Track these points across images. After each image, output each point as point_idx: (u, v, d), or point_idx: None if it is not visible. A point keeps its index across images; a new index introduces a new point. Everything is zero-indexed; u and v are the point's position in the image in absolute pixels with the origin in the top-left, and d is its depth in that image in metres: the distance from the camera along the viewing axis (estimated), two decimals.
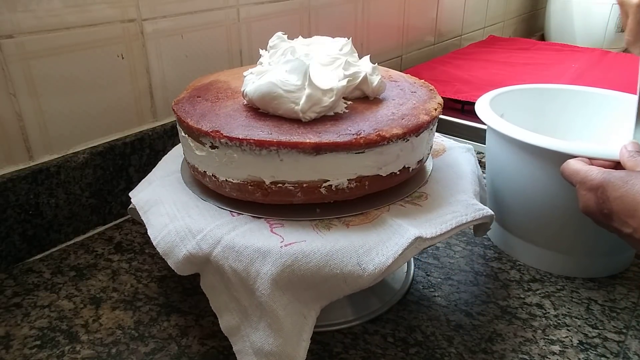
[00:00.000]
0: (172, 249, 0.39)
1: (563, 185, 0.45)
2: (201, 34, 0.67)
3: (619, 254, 0.52)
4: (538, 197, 0.51)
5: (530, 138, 0.48)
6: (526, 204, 0.52)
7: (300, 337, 0.37)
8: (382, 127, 0.40)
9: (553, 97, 0.63)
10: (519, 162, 0.51)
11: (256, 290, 0.36)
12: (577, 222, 0.48)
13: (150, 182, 0.48)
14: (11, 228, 0.52)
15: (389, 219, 0.41)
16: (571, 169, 0.43)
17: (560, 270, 0.53)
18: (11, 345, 0.43)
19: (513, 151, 0.51)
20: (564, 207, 0.49)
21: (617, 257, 0.53)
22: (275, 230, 0.39)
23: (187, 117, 0.43)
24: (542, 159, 0.48)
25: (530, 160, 0.50)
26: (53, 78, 0.54)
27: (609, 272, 0.52)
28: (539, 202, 0.51)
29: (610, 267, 0.53)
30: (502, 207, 0.56)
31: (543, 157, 0.48)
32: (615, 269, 0.53)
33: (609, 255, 0.52)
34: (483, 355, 0.42)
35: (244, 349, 0.38)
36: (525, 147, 0.49)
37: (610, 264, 0.53)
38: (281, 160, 0.39)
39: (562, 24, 1.52)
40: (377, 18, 0.99)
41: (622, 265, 0.53)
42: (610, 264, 0.53)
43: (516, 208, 0.54)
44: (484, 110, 0.55)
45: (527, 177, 0.51)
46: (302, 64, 0.41)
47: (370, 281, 0.36)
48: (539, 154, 0.48)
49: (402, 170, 0.43)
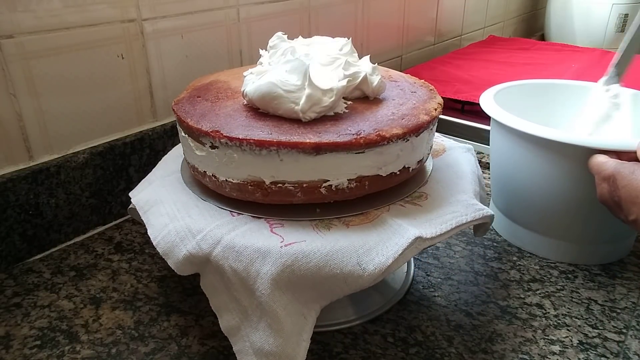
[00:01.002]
0: (172, 249, 0.39)
1: (568, 176, 0.48)
2: (201, 34, 0.67)
3: (620, 241, 0.55)
4: (543, 187, 0.52)
5: (537, 130, 0.49)
6: (532, 195, 0.54)
7: (300, 337, 0.37)
8: (382, 127, 0.40)
9: (555, 92, 0.65)
10: (525, 154, 0.52)
11: (256, 290, 0.36)
12: (582, 211, 0.51)
13: (150, 182, 0.48)
14: (11, 228, 0.52)
15: (389, 219, 0.41)
16: (593, 162, 0.46)
17: (565, 258, 0.54)
18: (11, 345, 0.43)
19: (519, 144, 0.52)
20: (570, 197, 0.51)
21: (619, 244, 0.55)
22: (275, 230, 0.39)
23: (187, 117, 0.43)
24: (547, 151, 0.50)
25: (536, 152, 0.51)
26: (53, 78, 0.54)
27: (612, 259, 0.55)
28: (545, 193, 0.52)
29: (613, 253, 0.55)
30: (507, 198, 0.57)
31: (548, 148, 0.50)
32: (617, 255, 0.55)
33: (612, 242, 0.54)
34: (483, 355, 0.42)
35: (244, 349, 0.38)
36: (531, 139, 0.50)
37: (613, 251, 0.55)
38: (281, 160, 0.39)
39: (562, 24, 1.52)
40: (377, 18, 0.99)
41: (624, 252, 0.56)
42: (613, 250, 0.55)
43: (522, 199, 0.55)
44: (490, 104, 0.56)
45: (532, 168, 0.52)
46: (302, 64, 0.41)
47: (370, 281, 0.36)
48: (544, 145, 0.50)
49: (402, 170, 0.43)
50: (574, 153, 0.48)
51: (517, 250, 0.57)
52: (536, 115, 0.59)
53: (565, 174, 0.49)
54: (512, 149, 0.54)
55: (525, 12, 1.71)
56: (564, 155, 0.49)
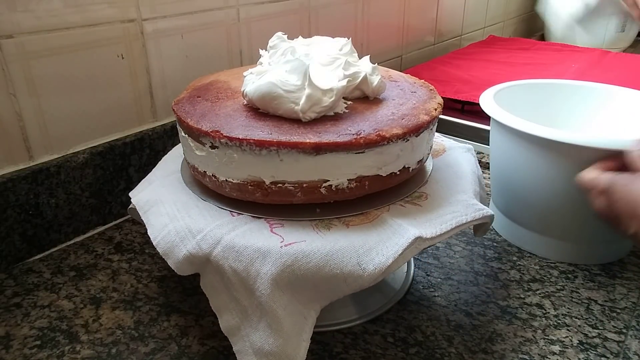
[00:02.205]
0: (172, 249, 0.39)
1: (567, 176, 0.48)
2: (201, 34, 0.67)
3: (620, 240, 0.55)
4: (543, 187, 0.52)
5: (536, 130, 0.49)
6: (531, 195, 0.54)
7: (300, 337, 0.37)
8: (382, 127, 0.40)
9: (555, 92, 0.65)
10: (525, 154, 0.52)
11: (256, 290, 0.36)
12: (581, 211, 0.50)
13: (151, 182, 0.48)
14: (11, 228, 0.52)
15: (389, 219, 0.41)
16: (584, 178, 0.45)
17: (565, 258, 0.55)
18: (11, 345, 0.43)
19: (519, 143, 0.52)
20: (569, 197, 0.51)
21: (619, 243, 0.55)
22: (275, 230, 0.39)
23: (187, 117, 0.43)
24: (547, 150, 0.50)
25: (535, 152, 0.51)
26: (53, 78, 0.54)
27: (612, 259, 0.55)
28: (544, 192, 0.52)
29: (613, 253, 0.55)
30: (507, 198, 0.57)
31: (548, 148, 0.50)
32: (617, 255, 0.55)
33: (612, 242, 0.55)
34: (483, 355, 0.42)
35: (244, 348, 0.38)
36: (530, 138, 0.50)
37: (613, 251, 0.55)
38: (281, 160, 0.39)
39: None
40: (377, 18, 0.99)
41: (624, 252, 0.56)
42: (613, 250, 0.55)
43: (522, 199, 0.55)
44: (489, 104, 0.56)
45: (531, 168, 0.52)
46: (302, 64, 0.41)
47: (370, 281, 0.36)
48: (543, 145, 0.50)
49: (402, 170, 0.43)
50: (574, 153, 0.48)
51: (517, 250, 0.57)
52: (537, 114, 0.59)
53: (565, 173, 0.49)
54: (511, 148, 0.54)
55: (525, 12, 1.71)
56: (563, 154, 0.49)
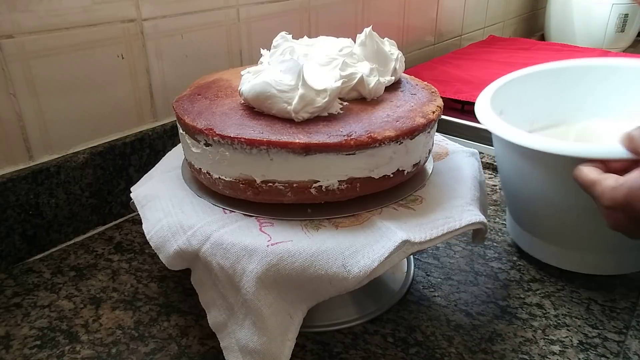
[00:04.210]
0: (164, 244, 0.40)
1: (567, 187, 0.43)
2: (201, 34, 0.67)
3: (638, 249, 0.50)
4: (541, 197, 0.50)
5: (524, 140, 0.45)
6: (535, 204, 0.52)
7: (285, 337, 0.37)
8: (374, 129, 0.40)
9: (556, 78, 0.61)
10: (520, 164, 0.50)
11: (242, 288, 0.36)
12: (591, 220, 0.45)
13: (151, 177, 0.49)
14: (11, 228, 0.52)
15: (379, 221, 0.40)
16: (586, 179, 0.39)
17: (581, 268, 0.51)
18: (11, 345, 0.43)
19: (512, 153, 0.51)
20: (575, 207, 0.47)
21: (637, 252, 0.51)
22: (264, 229, 0.39)
23: (184, 115, 0.43)
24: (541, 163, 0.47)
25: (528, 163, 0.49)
26: (53, 78, 0.54)
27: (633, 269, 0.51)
28: (545, 202, 0.50)
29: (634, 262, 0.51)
30: (516, 206, 0.55)
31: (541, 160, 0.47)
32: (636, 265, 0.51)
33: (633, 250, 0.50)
34: (483, 355, 0.42)
35: (230, 345, 0.38)
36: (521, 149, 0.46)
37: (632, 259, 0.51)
38: (271, 159, 0.39)
39: (562, 24, 1.51)
40: (377, 18, 0.99)
41: None
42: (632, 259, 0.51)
43: (527, 208, 0.53)
44: (484, 111, 0.53)
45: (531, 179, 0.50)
46: (296, 64, 0.40)
47: (355, 284, 0.36)
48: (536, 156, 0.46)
49: (395, 173, 0.42)
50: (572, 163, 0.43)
51: (517, 250, 0.56)
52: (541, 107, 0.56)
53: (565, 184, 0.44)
54: (509, 158, 0.52)
55: (525, 12, 1.71)
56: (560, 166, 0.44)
